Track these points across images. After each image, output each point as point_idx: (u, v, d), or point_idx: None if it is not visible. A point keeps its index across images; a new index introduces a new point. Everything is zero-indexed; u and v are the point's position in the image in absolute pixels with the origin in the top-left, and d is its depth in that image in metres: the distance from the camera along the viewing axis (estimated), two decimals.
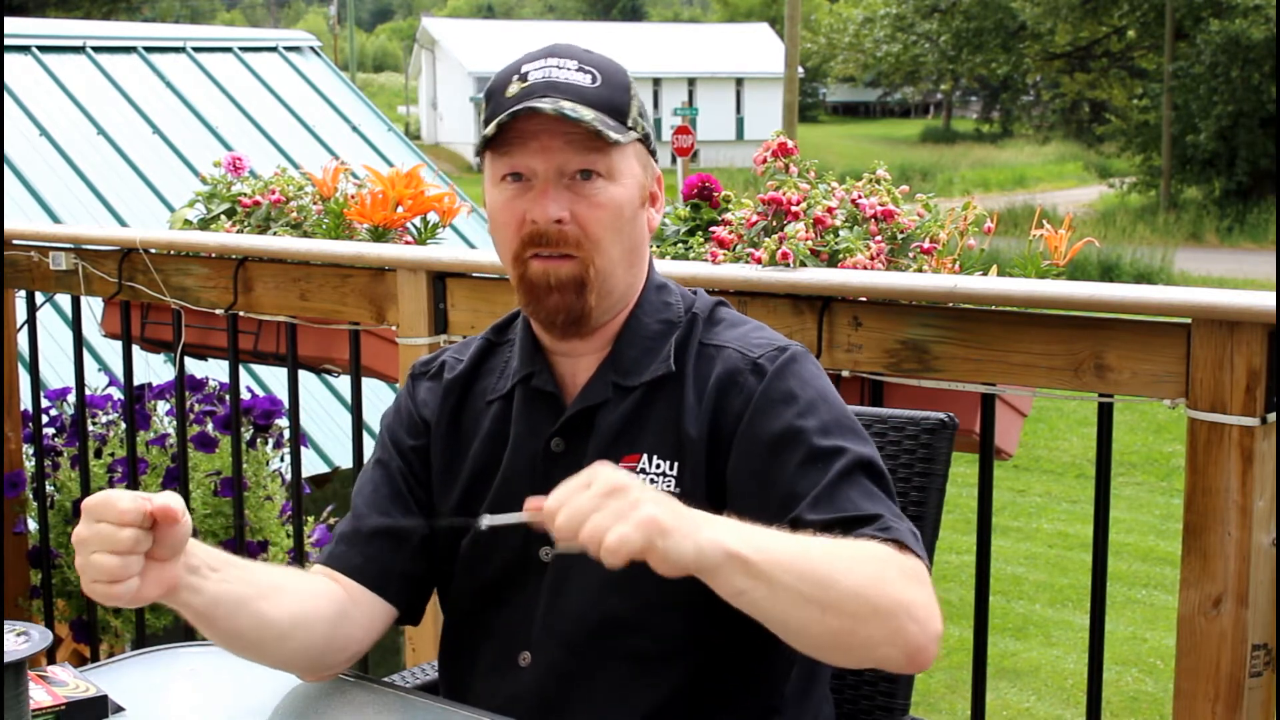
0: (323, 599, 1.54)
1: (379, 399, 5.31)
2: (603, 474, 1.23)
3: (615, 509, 1.21)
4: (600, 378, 1.54)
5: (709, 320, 1.57)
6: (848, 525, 1.37)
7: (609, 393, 1.52)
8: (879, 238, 2.28)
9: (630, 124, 1.51)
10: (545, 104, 1.44)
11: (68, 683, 1.48)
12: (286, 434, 3.57)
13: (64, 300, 3.96)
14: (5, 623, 1.33)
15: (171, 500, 1.31)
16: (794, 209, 2.32)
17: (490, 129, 1.47)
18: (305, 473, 3.44)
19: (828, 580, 1.28)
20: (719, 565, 1.24)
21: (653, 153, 1.58)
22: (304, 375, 3.21)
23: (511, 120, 1.46)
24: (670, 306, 1.57)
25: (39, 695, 1.43)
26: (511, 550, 1.55)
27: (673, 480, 1.48)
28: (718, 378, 1.50)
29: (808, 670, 1.55)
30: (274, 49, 8.96)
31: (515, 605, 1.55)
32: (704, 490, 1.46)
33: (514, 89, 1.49)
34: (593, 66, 1.51)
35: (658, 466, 1.49)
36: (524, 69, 1.50)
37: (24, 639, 1.32)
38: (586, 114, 1.45)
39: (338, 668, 1.57)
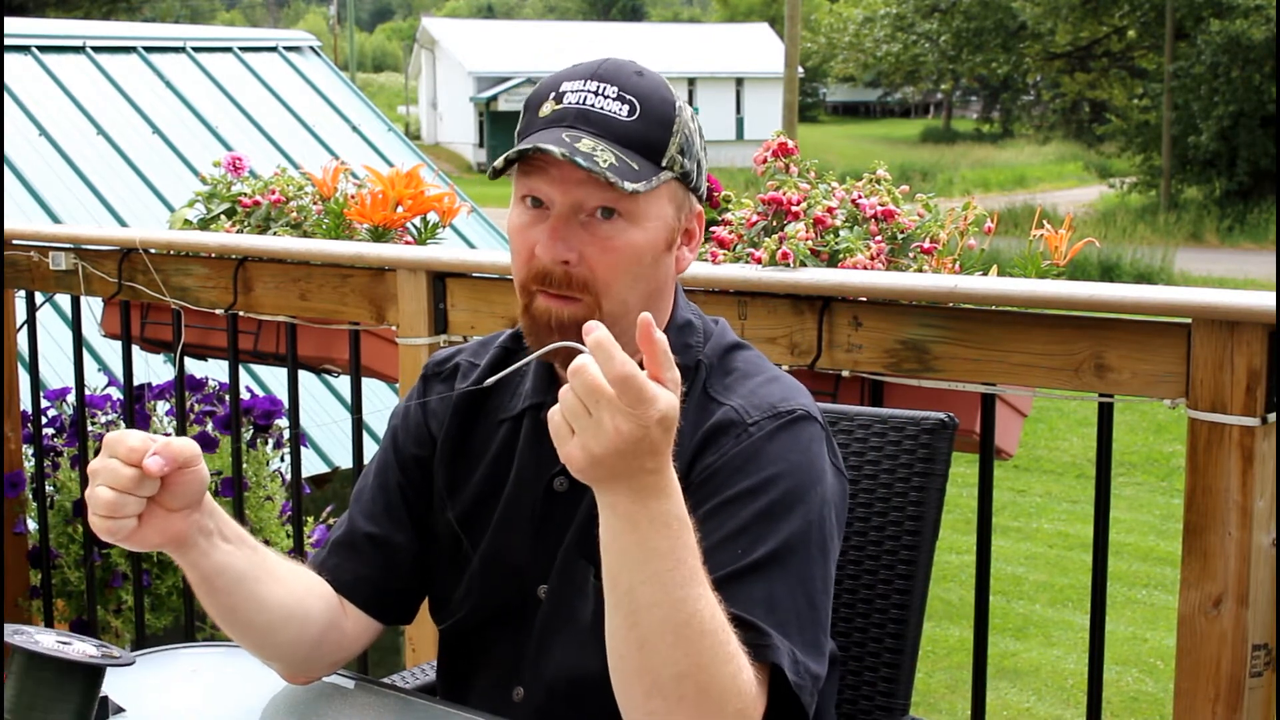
0: (320, 602, 1.54)
1: (379, 399, 5.31)
2: (623, 419, 1.16)
3: (581, 422, 1.17)
4: None
5: (719, 369, 1.50)
6: (734, 624, 1.29)
7: None
8: (879, 238, 2.28)
9: (666, 162, 1.42)
10: (557, 147, 1.35)
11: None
12: (286, 434, 3.57)
13: (64, 300, 3.96)
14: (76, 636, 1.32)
15: (180, 444, 1.32)
16: (794, 209, 2.32)
17: (500, 161, 1.40)
18: (305, 473, 3.44)
19: (667, 636, 1.23)
20: (603, 509, 1.22)
21: (695, 189, 1.48)
22: (304, 375, 3.21)
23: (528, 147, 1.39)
24: (690, 350, 1.50)
25: None
26: (513, 589, 1.54)
27: None
28: (706, 430, 1.44)
29: None
30: (274, 49, 8.96)
31: (511, 639, 1.54)
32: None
33: (547, 109, 1.42)
34: (634, 95, 1.41)
35: None
36: (563, 88, 1.42)
37: (100, 648, 1.30)
38: (603, 159, 1.36)
39: (320, 672, 1.57)
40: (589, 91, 1.41)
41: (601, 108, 1.41)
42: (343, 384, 5.63)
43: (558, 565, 1.50)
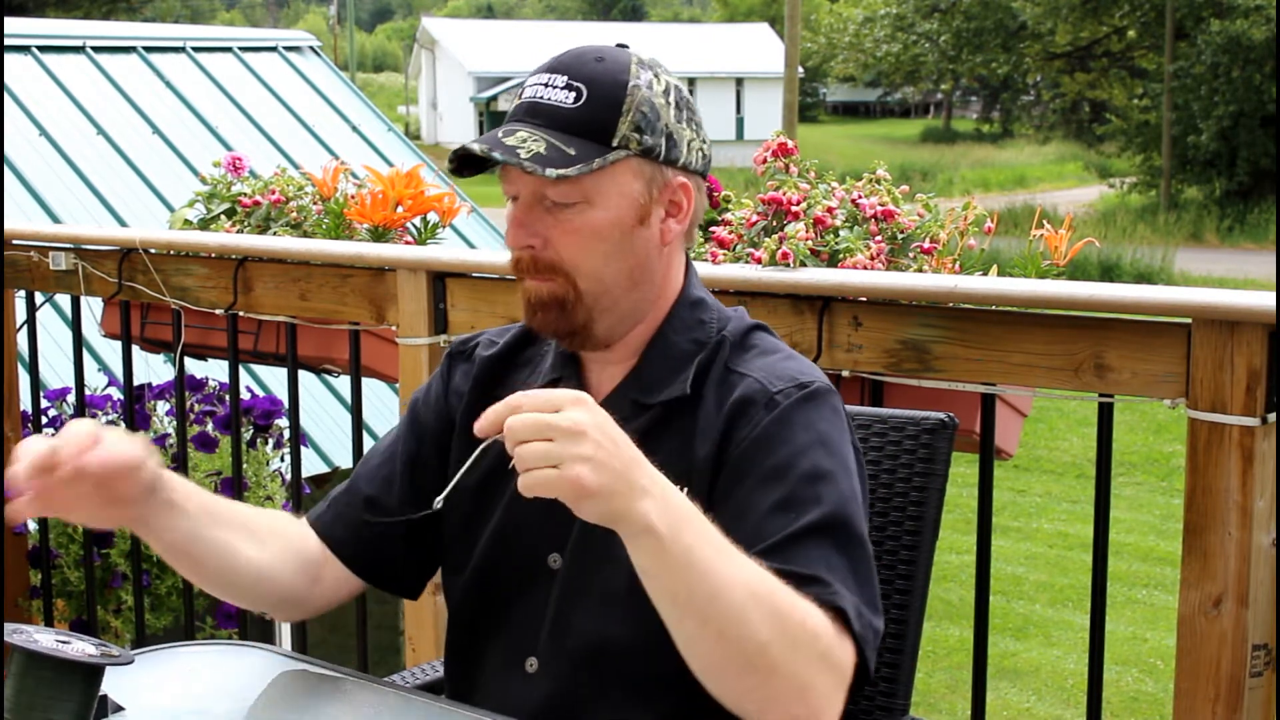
0: (296, 559, 1.61)
1: (379, 399, 5.31)
2: (574, 411, 1.21)
3: (554, 450, 1.20)
4: (621, 393, 1.53)
5: (739, 345, 1.53)
6: (796, 581, 1.33)
7: (627, 409, 1.49)
8: (879, 238, 2.28)
9: (618, 142, 1.47)
10: (479, 146, 1.44)
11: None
12: (286, 434, 3.57)
13: (64, 300, 3.96)
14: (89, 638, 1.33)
15: (109, 453, 1.37)
16: (794, 209, 2.32)
17: (445, 166, 1.53)
18: (305, 473, 3.44)
19: (738, 616, 1.26)
20: (635, 536, 1.24)
21: (672, 161, 1.51)
22: (304, 375, 3.21)
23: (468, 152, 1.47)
24: (704, 325, 1.55)
25: None
26: (522, 557, 1.55)
27: None
28: (733, 403, 1.47)
29: None
30: (274, 49, 8.96)
31: (523, 610, 1.55)
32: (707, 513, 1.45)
33: (512, 104, 1.52)
34: (583, 81, 1.47)
35: None
36: (527, 82, 1.51)
37: (100, 648, 1.31)
38: (528, 150, 1.43)
39: (297, 617, 1.70)
40: (540, 84, 1.49)
41: (549, 98, 1.48)
42: (343, 384, 5.63)
43: (575, 535, 1.51)
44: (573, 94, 1.47)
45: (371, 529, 1.63)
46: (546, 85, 1.48)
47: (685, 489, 1.43)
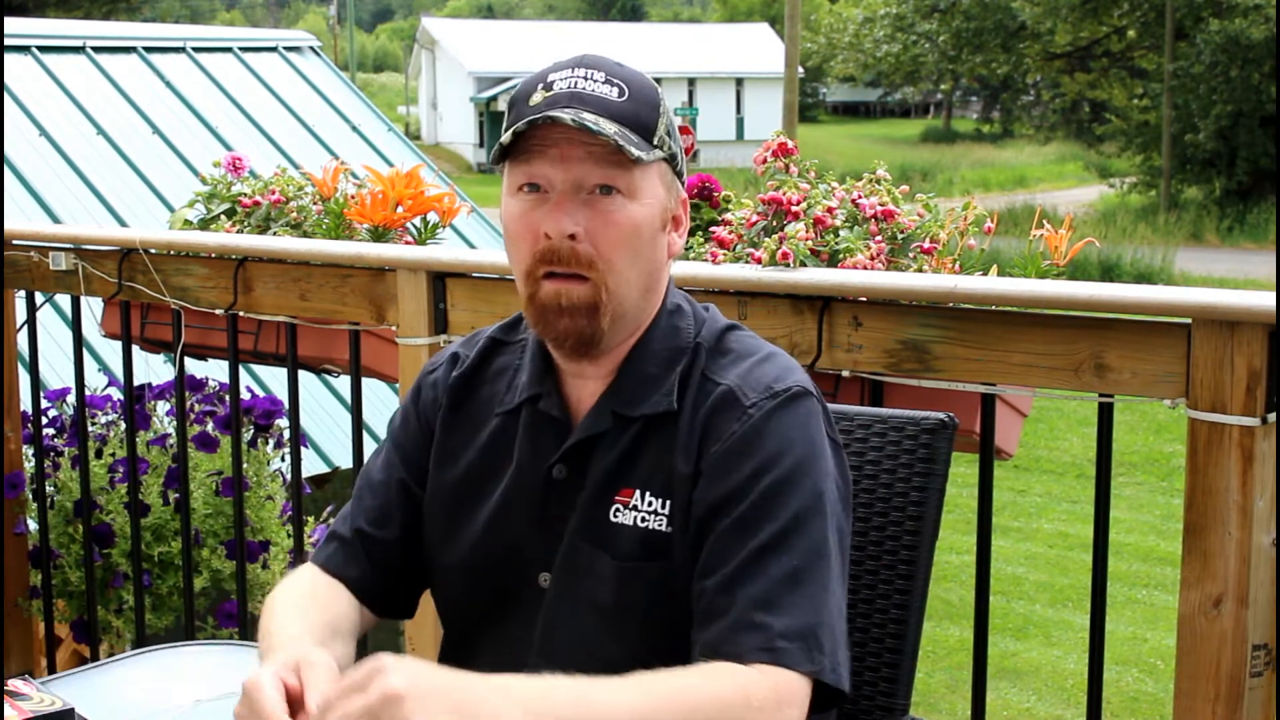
0: (354, 632, 1.55)
1: (379, 399, 5.31)
2: (379, 682, 1.16)
3: None
4: (602, 407, 1.51)
5: (715, 350, 1.51)
6: (731, 634, 1.33)
7: (609, 423, 1.49)
8: (879, 238, 2.28)
9: (656, 142, 1.46)
10: (566, 114, 1.40)
11: (31, 696, 1.44)
12: (286, 434, 3.57)
13: (64, 300, 3.96)
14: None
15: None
16: (794, 209, 2.32)
17: (507, 136, 1.43)
18: (305, 473, 3.44)
19: None
20: None
21: (679, 174, 1.52)
22: (304, 375, 3.21)
23: (531, 129, 1.42)
24: (680, 332, 1.52)
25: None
26: (513, 575, 1.54)
27: (664, 519, 1.45)
28: (707, 414, 1.46)
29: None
30: (274, 49, 8.96)
31: (514, 627, 1.54)
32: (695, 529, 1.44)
33: (537, 98, 1.45)
34: (621, 80, 1.46)
35: (650, 504, 1.46)
36: (550, 78, 1.46)
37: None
38: (609, 128, 1.41)
39: None
40: (578, 77, 1.46)
41: (593, 90, 1.45)
42: (343, 384, 5.63)
43: (562, 552, 1.50)
44: (615, 89, 1.45)
45: (379, 568, 1.60)
46: (586, 79, 1.45)
47: (668, 503, 1.43)
